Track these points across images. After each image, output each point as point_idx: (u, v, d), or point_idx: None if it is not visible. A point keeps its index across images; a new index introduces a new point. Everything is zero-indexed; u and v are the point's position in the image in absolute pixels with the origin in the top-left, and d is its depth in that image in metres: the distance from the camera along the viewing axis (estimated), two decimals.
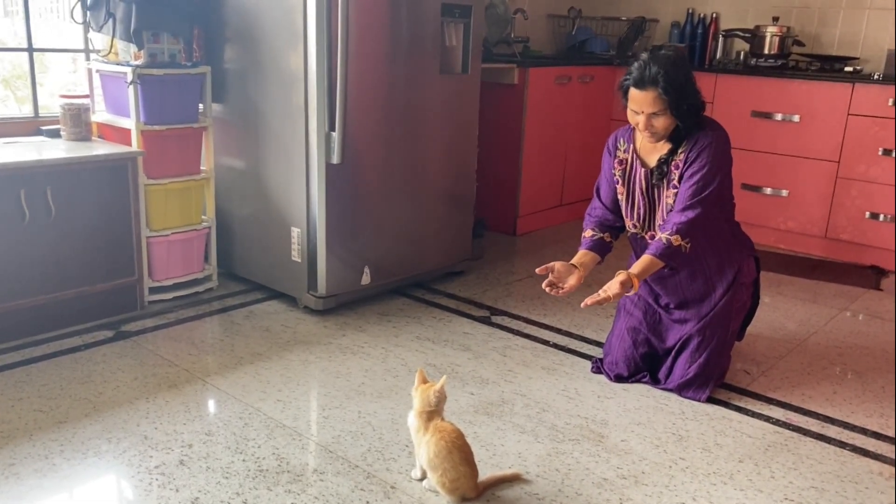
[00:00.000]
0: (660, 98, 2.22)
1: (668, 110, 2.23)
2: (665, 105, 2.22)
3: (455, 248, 3.39)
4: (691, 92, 2.25)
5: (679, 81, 2.21)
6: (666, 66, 2.20)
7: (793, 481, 1.97)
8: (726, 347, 2.44)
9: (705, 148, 2.26)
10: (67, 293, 2.67)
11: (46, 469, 1.88)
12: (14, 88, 3.15)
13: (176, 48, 2.86)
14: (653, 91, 2.22)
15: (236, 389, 2.32)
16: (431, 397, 1.82)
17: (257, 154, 2.98)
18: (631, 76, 2.26)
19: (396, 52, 2.89)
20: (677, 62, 2.23)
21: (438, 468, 1.77)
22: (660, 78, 2.20)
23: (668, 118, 2.25)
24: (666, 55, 2.24)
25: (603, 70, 4.42)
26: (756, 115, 4.05)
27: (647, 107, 2.24)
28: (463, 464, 1.78)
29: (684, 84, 2.22)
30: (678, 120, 2.26)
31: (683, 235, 2.21)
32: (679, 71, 2.22)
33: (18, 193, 2.49)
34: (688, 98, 2.23)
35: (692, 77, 2.26)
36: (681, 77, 2.22)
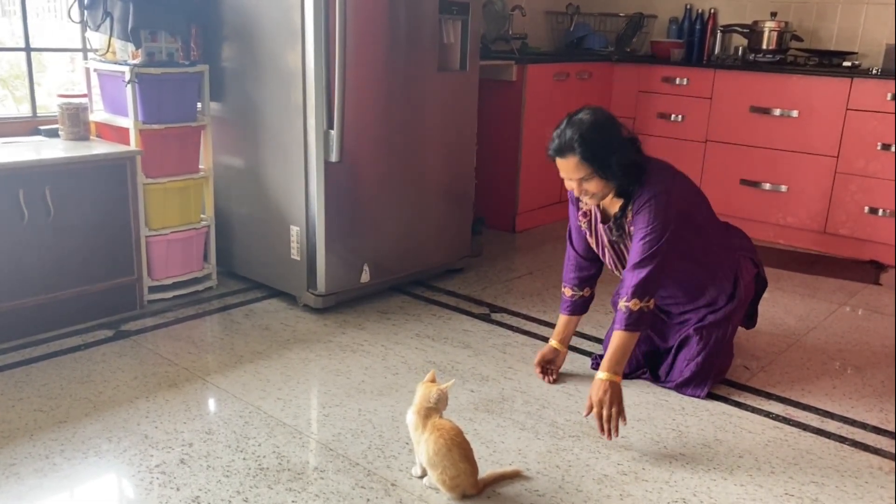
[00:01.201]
0: (581, 164, 2.12)
1: (594, 174, 2.13)
2: (590, 170, 2.12)
3: (454, 246, 3.39)
4: (619, 150, 2.12)
5: (598, 143, 2.11)
6: (581, 129, 2.11)
7: (793, 476, 1.97)
8: (726, 346, 2.44)
9: (644, 206, 2.14)
10: (67, 293, 2.67)
11: (47, 469, 1.88)
12: (12, 88, 3.15)
13: (174, 47, 2.86)
14: (572, 157, 2.12)
15: (236, 388, 2.33)
16: (432, 395, 1.82)
17: (256, 153, 2.98)
18: (551, 144, 2.17)
19: (394, 50, 2.88)
20: (595, 124, 2.13)
21: (438, 466, 1.77)
22: (576, 144, 2.10)
23: (600, 181, 2.14)
24: (581, 119, 2.14)
25: (601, 66, 4.42)
26: (755, 111, 4.05)
27: (572, 173, 2.14)
28: (463, 461, 1.78)
29: (605, 145, 2.11)
30: (611, 181, 2.15)
31: (640, 297, 2.11)
32: (598, 132, 2.12)
33: (17, 193, 2.49)
34: (614, 158, 2.11)
35: (617, 134, 2.15)
36: (600, 138, 2.11)
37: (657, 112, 4.39)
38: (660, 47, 4.49)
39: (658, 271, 2.14)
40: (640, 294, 2.11)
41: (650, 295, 2.13)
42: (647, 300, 2.12)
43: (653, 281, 2.13)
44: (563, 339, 2.48)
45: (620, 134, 2.16)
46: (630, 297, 2.11)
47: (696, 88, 4.22)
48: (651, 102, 4.41)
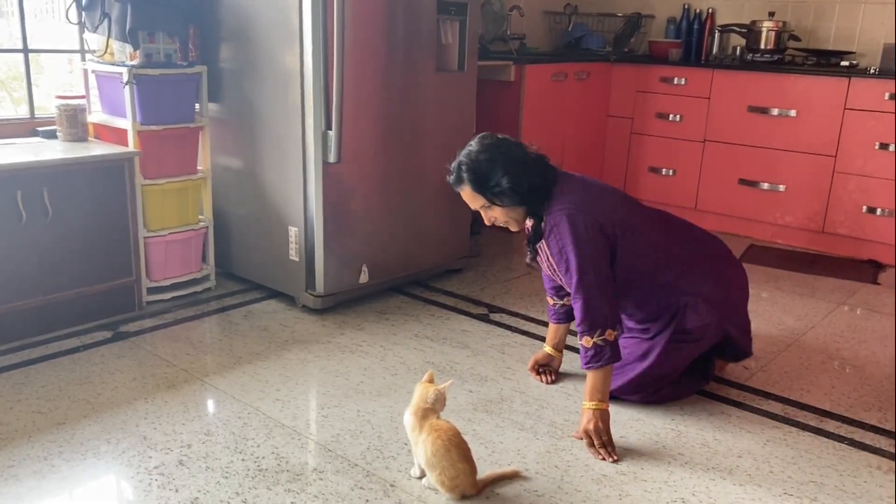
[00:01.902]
0: (474, 194, 2.10)
1: (491, 203, 2.09)
2: (483, 199, 2.09)
3: (453, 246, 3.39)
4: (509, 174, 2.04)
5: (483, 171, 2.05)
6: (469, 159, 2.08)
7: (792, 476, 1.97)
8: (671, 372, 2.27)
9: (551, 232, 2.07)
10: (65, 294, 2.67)
11: (45, 470, 1.88)
12: (10, 89, 3.15)
13: (172, 48, 2.86)
14: (466, 188, 2.11)
15: (235, 389, 2.32)
16: (430, 395, 1.83)
17: (254, 153, 2.97)
18: (448, 178, 2.16)
19: (392, 51, 2.88)
20: (482, 151, 2.07)
21: (437, 467, 1.77)
22: (464, 174, 2.08)
23: (499, 209, 2.10)
24: (469, 150, 2.11)
25: (599, 66, 4.42)
26: (752, 110, 4.06)
27: (472, 203, 2.13)
28: (461, 461, 1.78)
29: (491, 172, 2.04)
30: (511, 206, 2.09)
31: (590, 333, 2.02)
32: (484, 160, 2.06)
33: (15, 195, 2.48)
34: (504, 182, 2.04)
35: (507, 158, 2.06)
36: (486, 166, 2.05)
37: (655, 112, 4.39)
38: (658, 47, 4.49)
39: (596, 301, 2.02)
40: (588, 330, 2.03)
41: (601, 327, 2.01)
42: (600, 333, 2.01)
43: (594, 312, 2.02)
44: (555, 344, 2.47)
45: (511, 157, 2.07)
46: (581, 335, 2.05)
47: (695, 88, 4.23)
48: (649, 102, 4.41)
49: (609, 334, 2.02)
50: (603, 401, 2.05)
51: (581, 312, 2.03)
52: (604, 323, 2.02)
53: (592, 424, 2.04)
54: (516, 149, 2.11)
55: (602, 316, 2.02)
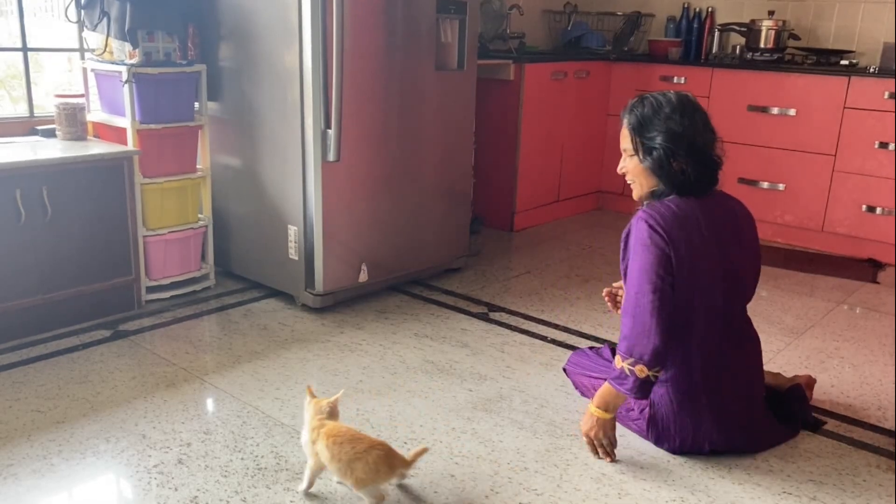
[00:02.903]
0: (625, 132, 1.96)
1: (633, 153, 1.93)
2: (630, 144, 1.94)
3: (452, 245, 3.39)
4: (670, 142, 1.86)
5: (649, 121, 1.89)
6: (652, 99, 1.92)
7: (791, 475, 1.97)
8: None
9: (628, 234, 1.92)
10: (64, 293, 2.67)
11: (45, 469, 1.88)
12: (9, 88, 3.14)
13: (171, 46, 2.85)
14: (625, 122, 1.97)
15: (234, 388, 2.32)
16: (324, 406, 1.76)
17: (253, 152, 2.97)
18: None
19: (392, 49, 2.88)
20: (668, 104, 1.90)
21: (343, 464, 1.68)
22: (634, 109, 1.94)
23: (637, 167, 1.94)
24: (660, 96, 1.94)
25: (599, 65, 4.42)
26: (752, 110, 4.05)
27: (621, 139, 1.99)
28: (365, 448, 1.68)
29: (658, 126, 1.88)
30: (653, 173, 1.91)
31: (624, 356, 1.86)
32: (662, 112, 1.89)
33: (14, 194, 2.48)
34: (661, 142, 1.87)
35: (688, 131, 1.88)
36: (659, 119, 1.89)
37: None
38: (657, 46, 4.49)
39: (645, 326, 1.82)
40: (623, 351, 1.87)
41: (635, 358, 1.84)
42: (632, 363, 1.84)
43: (635, 341, 1.83)
44: None
45: (688, 130, 1.88)
46: (617, 351, 1.89)
47: (694, 87, 4.22)
48: None
49: (640, 370, 1.84)
50: (608, 412, 1.95)
51: (623, 331, 1.87)
52: (640, 355, 1.84)
53: (593, 432, 1.97)
54: (703, 131, 1.91)
55: (641, 347, 1.83)
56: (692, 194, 1.92)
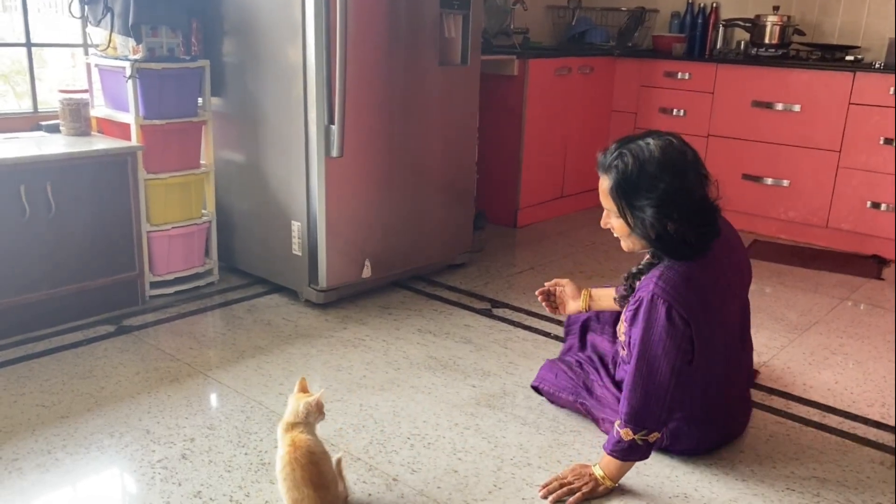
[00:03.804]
0: (608, 195, 1.75)
1: (623, 218, 1.75)
2: (615, 207, 1.75)
3: (456, 241, 3.39)
4: (661, 207, 1.67)
5: (634, 186, 1.68)
6: (633, 157, 1.70)
7: (794, 471, 1.97)
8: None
9: (637, 307, 1.75)
10: (68, 288, 2.68)
11: (49, 464, 1.88)
12: (13, 84, 3.15)
13: (174, 42, 2.85)
14: (605, 182, 1.76)
15: (238, 383, 2.33)
16: (301, 408, 1.67)
17: (257, 148, 2.97)
18: (599, 155, 1.80)
19: (395, 45, 2.88)
20: (652, 162, 1.68)
21: (282, 485, 1.62)
22: (614, 169, 1.72)
23: (624, 228, 1.77)
24: (642, 146, 1.70)
25: (603, 61, 4.41)
26: (756, 105, 4.04)
27: (602, 198, 1.80)
28: (306, 485, 1.59)
29: (646, 192, 1.68)
30: (639, 238, 1.76)
31: (634, 428, 1.76)
32: (650, 173, 1.67)
33: (18, 189, 2.49)
34: (651, 214, 1.68)
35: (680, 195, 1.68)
36: (646, 181, 1.68)
37: (659, 107, 4.38)
38: (662, 42, 4.48)
39: (656, 403, 1.75)
40: (633, 424, 1.76)
41: (648, 429, 1.76)
42: (645, 434, 1.76)
43: (649, 415, 1.76)
44: (595, 296, 2.18)
45: (680, 192, 1.68)
46: (623, 424, 1.77)
47: (698, 83, 4.21)
48: (653, 97, 4.40)
49: (652, 437, 1.78)
50: (614, 481, 1.84)
51: (634, 406, 1.76)
52: (656, 426, 1.78)
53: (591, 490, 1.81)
54: (696, 185, 1.71)
55: (653, 420, 1.77)
56: (692, 257, 1.74)
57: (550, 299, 2.25)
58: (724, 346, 1.90)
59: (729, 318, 1.89)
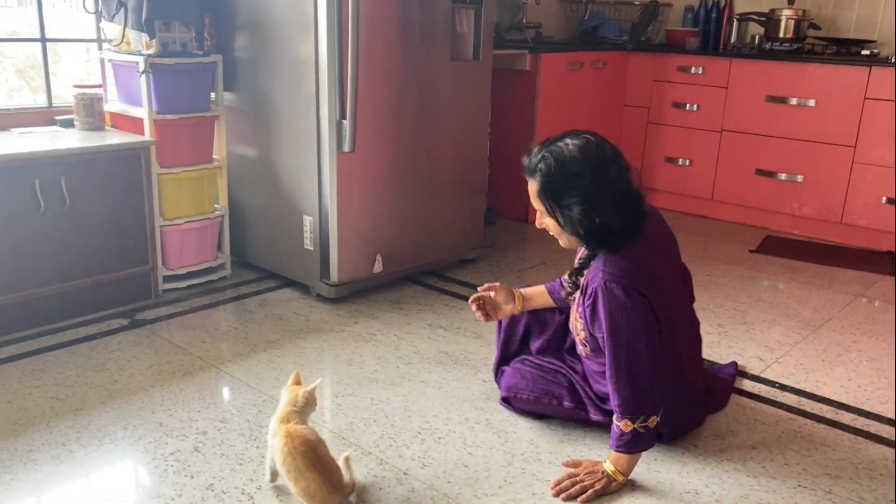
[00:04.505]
0: (538, 197, 1.80)
1: (553, 217, 1.79)
2: (544, 208, 1.79)
3: (467, 236, 3.39)
4: (587, 204, 1.71)
5: (560, 184, 1.72)
6: (554, 159, 1.73)
7: (806, 468, 1.96)
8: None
9: (594, 300, 1.78)
10: (82, 282, 2.70)
11: (63, 456, 1.90)
12: (28, 79, 3.17)
13: (187, 37, 2.86)
14: (533, 185, 1.80)
15: (250, 377, 2.34)
16: (300, 397, 1.73)
17: (269, 143, 2.98)
18: (524, 159, 1.84)
19: (407, 40, 2.88)
20: (573, 160, 1.72)
21: (288, 476, 1.67)
22: (539, 171, 1.76)
23: (556, 226, 1.81)
24: (561, 146, 1.74)
25: (616, 55, 4.39)
26: (770, 100, 4.01)
27: (532, 200, 1.83)
28: (310, 469, 1.64)
29: (572, 190, 1.72)
30: (572, 235, 1.79)
31: (633, 416, 1.77)
32: (572, 172, 1.71)
33: (33, 183, 2.51)
34: (577, 210, 1.72)
35: (596, 183, 1.72)
36: (571, 180, 1.71)
37: (672, 101, 4.35)
38: (675, 36, 4.45)
39: (639, 389, 1.77)
40: (629, 414, 1.77)
41: (645, 414, 1.77)
42: (643, 420, 1.77)
43: (639, 399, 1.77)
44: (527, 297, 2.18)
45: (604, 186, 1.73)
46: (621, 416, 1.78)
47: (712, 77, 4.19)
48: (666, 91, 4.37)
49: (652, 421, 1.79)
50: (625, 475, 1.84)
51: (623, 395, 1.77)
52: (652, 409, 1.79)
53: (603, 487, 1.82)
54: (617, 177, 1.74)
55: (648, 403, 1.78)
56: (624, 245, 1.77)
57: (483, 307, 2.16)
58: (679, 319, 1.94)
59: (675, 288, 1.95)
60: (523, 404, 2.12)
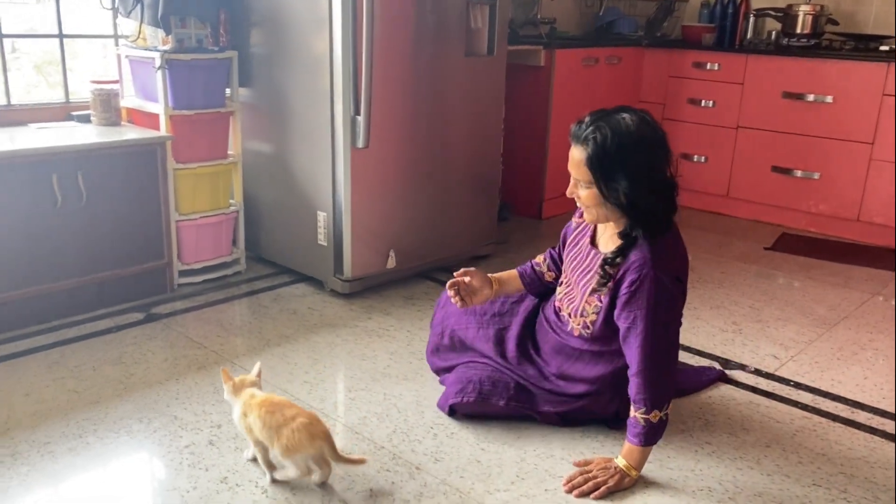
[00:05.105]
0: (584, 166, 1.77)
1: (593, 186, 1.78)
2: (590, 178, 1.77)
3: (480, 232, 3.39)
4: (638, 181, 1.73)
5: (615, 158, 1.72)
6: (609, 130, 1.73)
7: (821, 467, 1.95)
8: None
9: (639, 285, 1.77)
10: (99, 276, 2.72)
11: (80, 448, 1.92)
12: (45, 74, 3.20)
13: (203, 33, 2.88)
14: (581, 153, 1.78)
15: (264, 371, 2.33)
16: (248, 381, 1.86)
17: (283, 139, 2.99)
18: (573, 126, 1.83)
19: (422, 36, 2.88)
20: (630, 135, 1.72)
21: (273, 436, 1.73)
22: (592, 142, 1.74)
23: (596, 198, 1.79)
24: (619, 120, 1.74)
25: (631, 51, 4.37)
26: (787, 97, 3.98)
27: (573, 168, 1.82)
28: (283, 409, 1.74)
29: (624, 164, 1.72)
30: (610, 207, 1.79)
31: (660, 407, 1.79)
32: (625, 146, 1.72)
33: (51, 178, 2.53)
34: (625, 185, 1.73)
35: (648, 163, 1.75)
36: (622, 154, 1.72)
37: (687, 97, 4.33)
38: (691, 31, 4.42)
39: (672, 372, 1.84)
40: (659, 404, 1.79)
41: (668, 400, 1.81)
42: (666, 407, 1.81)
43: (668, 386, 1.82)
44: (502, 280, 2.20)
45: (653, 164, 1.77)
46: (649, 409, 1.79)
47: (728, 73, 4.16)
48: (681, 88, 4.35)
49: (669, 407, 1.83)
50: (639, 470, 1.85)
51: (655, 384, 1.78)
52: (668, 400, 1.82)
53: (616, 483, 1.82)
54: (664, 162, 1.78)
55: (669, 393, 1.82)
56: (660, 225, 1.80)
57: (460, 292, 2.13)
58: None
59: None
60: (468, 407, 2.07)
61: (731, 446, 2.03)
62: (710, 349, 2.62)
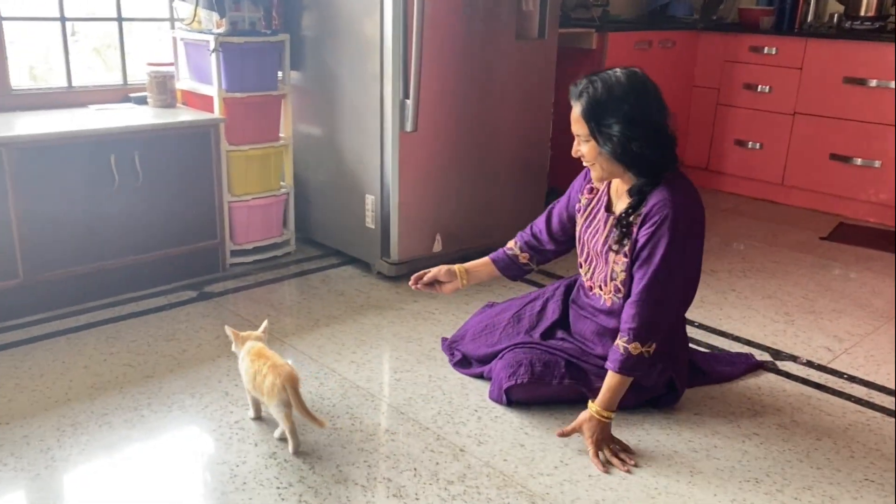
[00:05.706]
0: (580, 118, 1.86)
1: (591, 139, 1.86)
2: (586, 129, 1.86)
3: (528, 217, 3.33)
4: (630, 126, 1.79)
5: (606, 104, 1.80)
6: (602, 82, 1.82)
7: (874, 462, 1.91)
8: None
9: (660, 224, 1.81)
10: (154, 255, 2.79)
11: (135, 420, 1.99)
12: (104, 57, 3.28)
13: (256, 16, 2.91)
14: (577, 107, 1.87)
15: (312, 350, 2.39)
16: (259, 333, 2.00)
17: (333, 122, 3.02)
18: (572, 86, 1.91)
19: (472, 18, 2.86)
20: (619, 85, 1.81)
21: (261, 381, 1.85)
22: (585, 93, 1.84)
23: (596, 151, 1.87)
24: (609, 75, 1.83)
25: (685, 35, 4.27)
26: (848, 82, 3.85)
27: (573, 125, 1.90)
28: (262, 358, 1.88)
29: (616, 110, 1.80)
30: (610, 156, 1.85)
31: (643, 341, 1.82)
32: (616, 94, 1.80)
33: (109, 158, 2.60)
34: (619, 129, 1.80)
35: (639, 109, 1.80)
36: (613, 101, 1.80)
37: (743, 83, 4.22)
38: (748, 15, 4.31)
39: (665, 318, 1.87)
40: (642, 338, 1.82)
41: (654, 340, 1.84)
42: (650, 345, 1.83)
43: (658, 328, 1.85)
44: (470, 270, 2.25)
45: (645, 110, 1.82)
46: (631, 339, 1.82)
47: (786, 58, 4.04)
48: (737, 72, 4.25)
49: (653, 347, 1.84)
50: (609, 409, 1.87)
51: (644, 318, 1.83)
52: (658, 337, 1.85)
53: (603, 435, 1.87)
54: (657, 109, 1.85)
55: (660, 332, 1.86)
56: (662, 172, 1.87)
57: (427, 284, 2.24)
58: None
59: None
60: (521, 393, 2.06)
61: (780, 438, 1.99)
62: (760, 339, 2.57)
